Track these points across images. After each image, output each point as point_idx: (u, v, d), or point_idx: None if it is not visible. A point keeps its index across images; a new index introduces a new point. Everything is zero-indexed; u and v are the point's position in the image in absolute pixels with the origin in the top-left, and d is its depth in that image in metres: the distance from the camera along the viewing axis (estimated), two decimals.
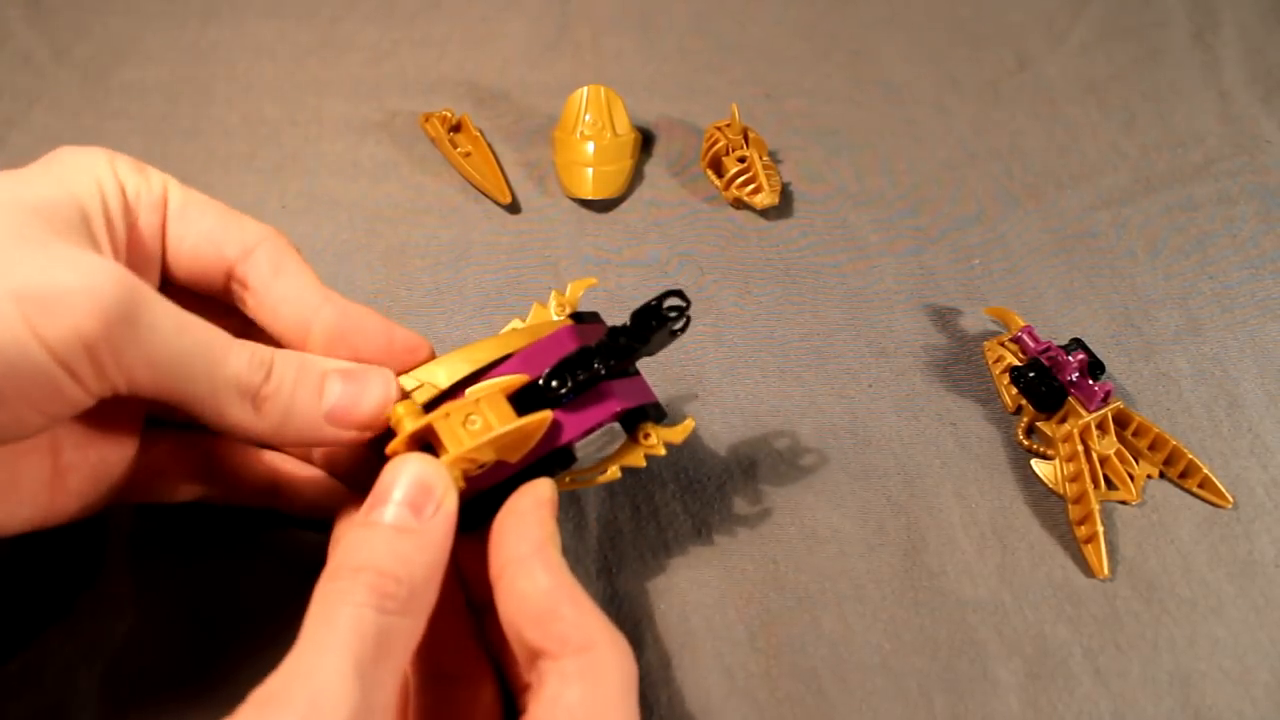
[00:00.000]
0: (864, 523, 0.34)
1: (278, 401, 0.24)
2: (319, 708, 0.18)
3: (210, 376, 0.22)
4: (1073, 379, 0.36)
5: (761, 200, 0.44)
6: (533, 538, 0.23)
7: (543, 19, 0.57)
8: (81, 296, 0.20)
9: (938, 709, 0.30)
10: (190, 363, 0.22)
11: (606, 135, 0.47)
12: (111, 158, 0.25)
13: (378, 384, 0.25)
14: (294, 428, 0.24)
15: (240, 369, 0.23)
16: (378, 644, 0.19)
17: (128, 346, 0.21)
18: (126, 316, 0.20)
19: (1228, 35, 0.58)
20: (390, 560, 0.21)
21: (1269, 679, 0.31)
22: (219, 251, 0.26)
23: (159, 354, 0.21)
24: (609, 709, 0.21)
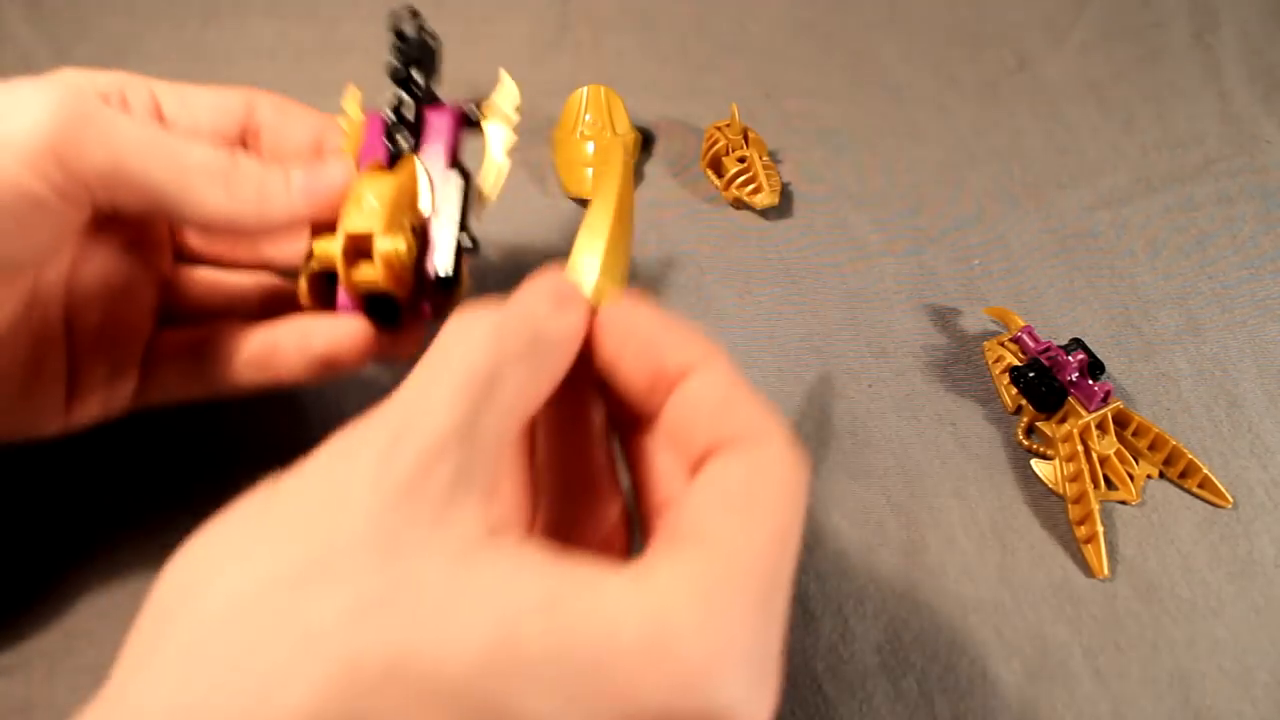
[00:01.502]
0: (864, 523, 0.34)
1: (248, 183, 0.26)
2: (412, 420, 0.17)
3: (178, 162, 0.24)
4: (1073, 379, 0.36)
5: (761, 200, 0.44)
6: (696, 344, 0.21)
7: (543, 19, 0.57)
8: (39, 106, 0.22)
9: (937, 709, 0.30)
10: (156, 153, 0.24)
11: (606, 135, 0.47)
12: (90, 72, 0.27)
13: (336, 164, 0.28)
14: (268, 204, 0.26)
15: (205, 155, 0.25)
16: (489, 382, 0.18)
17: (91, 144, 0.23)
18: (86, 115, 0.23)
19: (1228, 35, 0.58)
20: (518, 314, 0.20)
21: (1269, 679, 0.31)
22: (230, 115, 0.30)
23: (124, 148, 0.23)
24: (770, 494, 0.18)
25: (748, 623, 0.16)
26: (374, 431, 0.17)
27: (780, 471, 0.19)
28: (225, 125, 0.30)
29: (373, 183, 0.27)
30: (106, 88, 0.28)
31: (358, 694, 0.14)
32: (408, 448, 0.17)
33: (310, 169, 0.27)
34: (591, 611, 0.16)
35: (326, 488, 0.17)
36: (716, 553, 0.17)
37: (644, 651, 0.15)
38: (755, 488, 0.18)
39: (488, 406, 0.18)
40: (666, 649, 0.15)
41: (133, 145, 0.24)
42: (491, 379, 0.18)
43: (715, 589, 0.16)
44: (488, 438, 0.18)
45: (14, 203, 0.22)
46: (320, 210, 0.27)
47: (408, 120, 0.31)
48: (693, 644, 0.15)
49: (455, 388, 0.18)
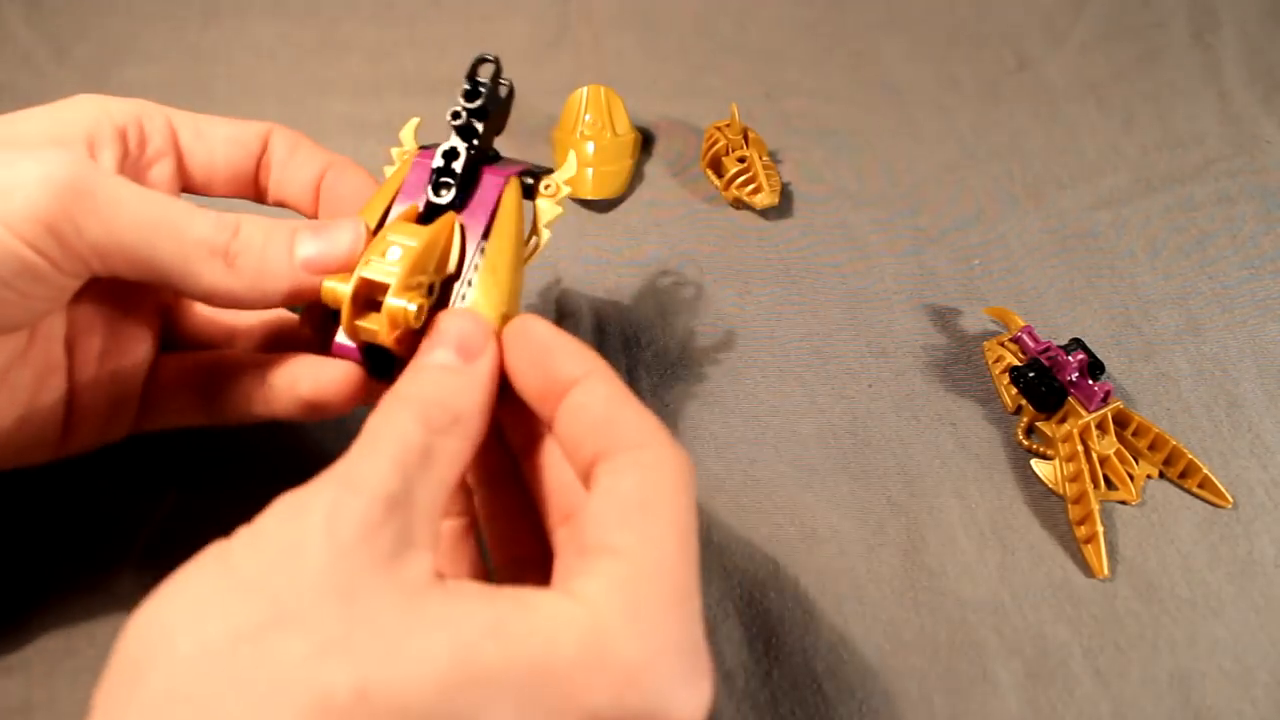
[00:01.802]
0: (864, 523, 0.34)
1: (249, 256, 0.25)
2: (354, 484, 0.19)
3: (178, 240, 0.24)
4: (1073, 379, 0.36)
5: (761, 200, 0.44)
6: (586, 357, 0.23)
7: (543, 19, 0.57)
8: (35, 180, 0.22)
9: (937, 709, 0.30)
10: (155, 229, 0.23)
11: (606, 135, 0.47)
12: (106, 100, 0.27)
13: (347, 229, 0.26)
14: (270, 280, 0.25)
15: (206, 230, 0.24)
16: (422, 453, 0.20)
17: (88, 220, 0.22)
18: (82, 191, 0.22)
19: (1228, 35, 0.58)
20: (436, 390, 0.22)
21: (1269, 679, 0.31)
22: (245, 149, 0.30)
23: (121, 224, 0.23)
24: (658, 497, 0.20)
25: (672, 620, 0.18)
26: (318, 498, 0.18)
27: (668, 475, 0.20)
28: (239, 159, 0.30)
29: (402, 232, 0.26)
30: (123, 119, 0.27)
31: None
32: (352, 510, 0.18)
33: (318, 234, 0.26)
34: (533, 629, 0.17)
35: (279, 544, 0.18)
36: (630, 561, 0.19)
37: (585, 659, 0.17)
38: (648, 495, 0.20)
39: (421, 477, 0.20)
40: (604, 654, 0.17)
41: (132, 221, 0.23)
42: (424, 454, 0.20)
43: (638, 594, 0.18)
44: (424, 502, 0.20)
45: (9, 272, 0.22)
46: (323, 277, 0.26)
47: (455, 173, 0.28)
48: (627, 647, 0.18)
49: (391, 462, 0.19)
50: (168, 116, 0.29)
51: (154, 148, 0.28)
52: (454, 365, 0.23)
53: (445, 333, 0.23)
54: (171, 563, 0.31)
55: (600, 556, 0.19)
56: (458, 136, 0.29)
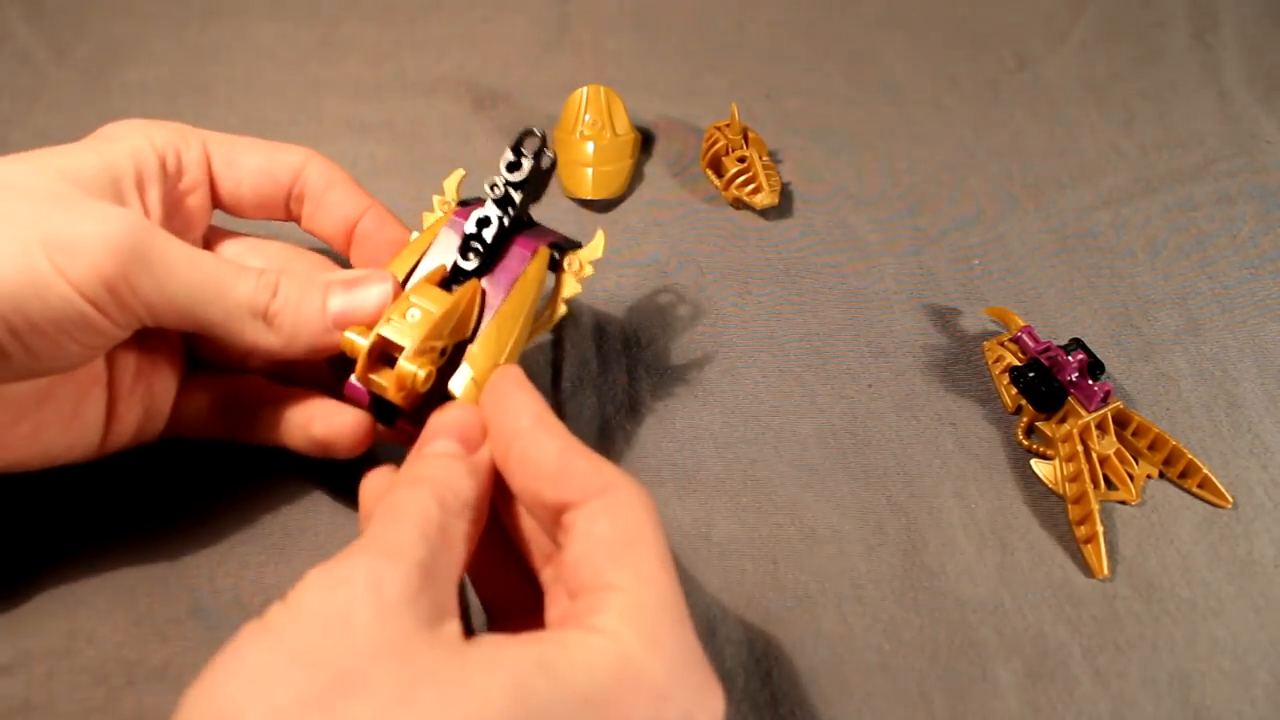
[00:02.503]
0: (864, 523, 0.34)
1: (286, 315, 0.27)
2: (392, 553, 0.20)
3: (223, 301, 0.26)
4: (1072, 379, 0.36)
5: (761, 200, 0.44)
6: (530, 410, 0.24)
7: (543, 19, 0.57)
8: (98, 241, 0.23)
9: (938, 709, 0.30)
10: (203, 292, 0.26)
11: (606, 135, 0.47)
12: (148, 127, 0.29)
13: (376, 286, 0.28)
14: (304, 337, 0.27)
15: (248, 292, 0.26)
16: (441, 530, 0.21)
17: (143, 281, 0.24)
18: (139, 255, 0.24)
19: (1228, 35, 0.58)
20: (447, 475, 0.23)
21: (1269, 679, 0.31)
22: (274, 180, 0.31)
23: (173, 286, 0.25)
24: (639, 534, 0.22)
25: (682, 640, 0.21)
26: (357, 567, 0.19)
27: (639, 512, 0.22)
28: (267, 191, 0.31)
29: (426, 296, 0.28)
30: (164, 146, 0.28)
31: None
32: (394, 576, 0.19)
33: (350, 291, 0.28)
34: (573, 663, 0.19)
35: (326, 614, 0.19)
36: (632, 594, 0.21)
37: (621, 684, 0.19)
38: (629, 533, 0.22)
39: (442, 552, 0.21)
40: (636, 678, 0.19)
41: (182, 283, 0.25)
42: (442, 532, 0.22)
43: (650, 622, 0.20)
44: (445, 575, 0.21)
45: (71, 325, 0.24)
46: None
47: (485, 241, 0.29)
48: (653, 668, 0.20)
49: (419, 534, 0.21)
50: (204, 142, 0.30)
51: (190, 178, 0.30)
52: (458, 454, 0.24)
53: (448, 425, 0.25)
54: (173, 563, 0.31)
55: (603, 593, 0.21)
56: (494, 205, 0.29)
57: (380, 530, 0.21)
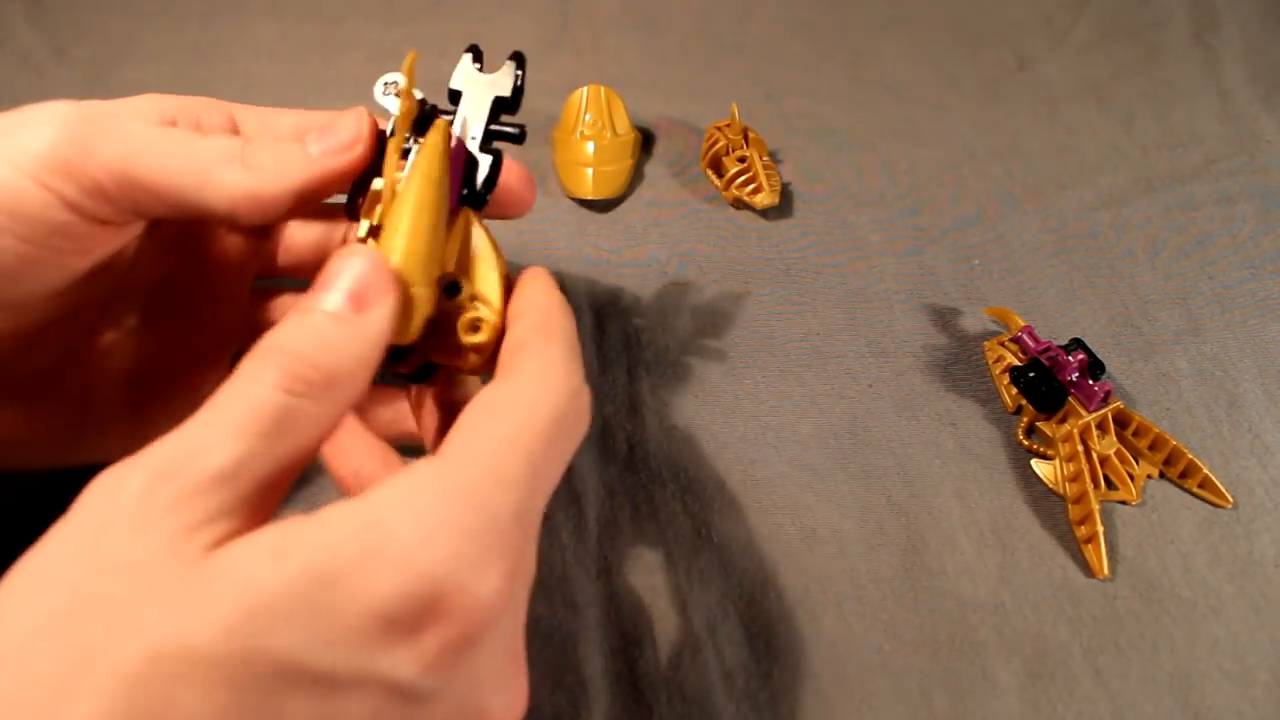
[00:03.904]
0: (864, 523, 0.34)
1: (264, 155, 0.24)
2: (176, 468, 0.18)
3: (192, 152, 0.24)
4: (1073, 379, 0.36)
5: (761, 200, 0.44)
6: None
7: (543, 19, 0.57)
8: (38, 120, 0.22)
9: (938, 709, 0.30)
10: (169, 146, 0.23)
11: (606, 135, 0.47)
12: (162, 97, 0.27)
13: (349, 118, 0.26)
14: (288, 171, 0.25)
15: (218, 140, 0.24)
16: (276, 422, 0.19)
17: (98, 143, 0.22)
18: (90, 120, 0.22)
19: (1228, 35, 0.58)
20: (313, 345, 0.20)
21: (1269, 679, 0.31)
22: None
23: (134, 143, 0.23)
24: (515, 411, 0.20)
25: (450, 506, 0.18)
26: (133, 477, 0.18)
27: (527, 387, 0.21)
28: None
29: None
30: (177, 111, 0.27)
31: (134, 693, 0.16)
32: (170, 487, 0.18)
33: (323, 131, 0.26)
34: (311, 541, 0.17)
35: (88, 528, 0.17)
36: (439, 461, 0.19)
37: (363, 554, 0.17)
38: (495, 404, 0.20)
39: (266, 449, 0.19)
40: (381, 545, 0.17)
41: (143, 142, 0.23)
42: (277, 423, 0.19)
43: (422, 486, 0.18)
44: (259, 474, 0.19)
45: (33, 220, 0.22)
46: (344, 162, 0.26)
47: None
48: (402, 533, 0.17)
49: (231, 436, 0.18)
50: (229, 111, 0.28)
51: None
52: (343, 314, 0.20)
53: (338, 273, 0.21)
54: None
55: (421, 462, 0.19)
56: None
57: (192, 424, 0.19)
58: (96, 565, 0.17)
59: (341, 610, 0.17)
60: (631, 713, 0.29)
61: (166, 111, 0.26)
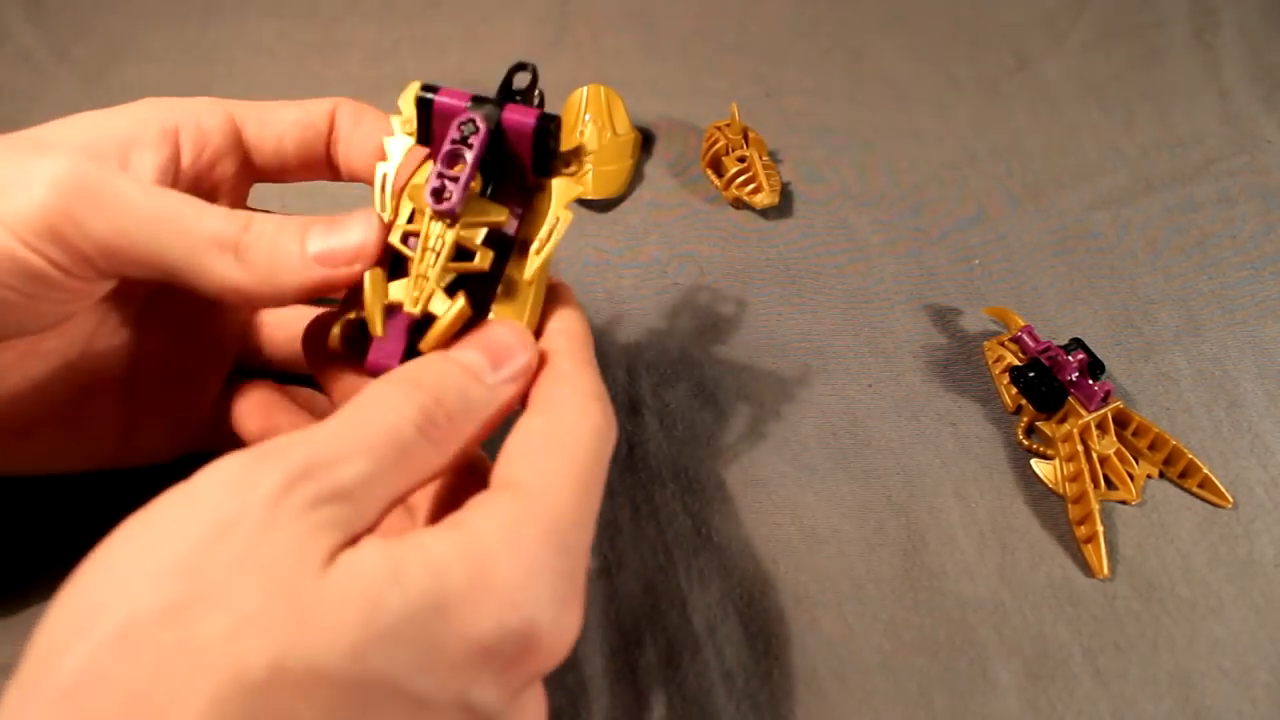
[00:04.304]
0: (864, 523, 0.34)
1: (260, 250, 0.24)
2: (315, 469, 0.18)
3: (186, 235, 0.23)
4: (1073, 379, 0.36)
5: (761, 200, 0.44)
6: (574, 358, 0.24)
7: (543, 19, 0.57)
8: (36, 180, 0.21)
9: (938, 709, 0.30)
10: (163, 225, 0.23)
11: (606, 135, 0.47)
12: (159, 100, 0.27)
13: (359, 223, 0.25)
14: (282, 273, 0.24)
15: (216, 224, 0.23)
16: (403, 454, 0.20)
17: (91, 217, 0.22)
18: (84, 188, 0.22)
19: (1228, 35, 0.58)
20: (453, 393, 0.21)
21: (1269, 679, 0.31)
22: (314, 130, 0.29)
23: (127, 220, 0.22)
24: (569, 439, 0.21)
25: (549, 546, 0.19)
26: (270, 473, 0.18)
27: (578, 421, 0.21)
28: (310, 141, 0.29)
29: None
30: (175, 120, 0.26)
31: (246, 701, 0.16)
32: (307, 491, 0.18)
33: (330, 228, 0.25)
34: (426, 567, 0.18)
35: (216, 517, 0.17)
36: (521, 493, 0.20)
37: (470, 587, 0.18)
38: (554, 433, 0.21)
39: (390, 477, 0.19)
40: (488, 580, 0.18)
41: (137, 217, 0.23)
42: (405, 456, 0.20)
43: (520, 522, 0.19)
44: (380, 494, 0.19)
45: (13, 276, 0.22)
46: (338, 277, 0.25)
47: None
48: (507, 571, 0.18)
49: (367, 456, 0.19)
50: (229, 112, 0.28)
51: (215, 146, 0.27)
52: (480, 371, 0.22)
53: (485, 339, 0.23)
54: None
55: (498, 491, 0.20)
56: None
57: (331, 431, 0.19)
58: (223, 558, 0.17)
59: (449, 640, 0.18)
60: (631, 713, 0.29)
61: (168, 122, 0.26)
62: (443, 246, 0.24)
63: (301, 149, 0.29)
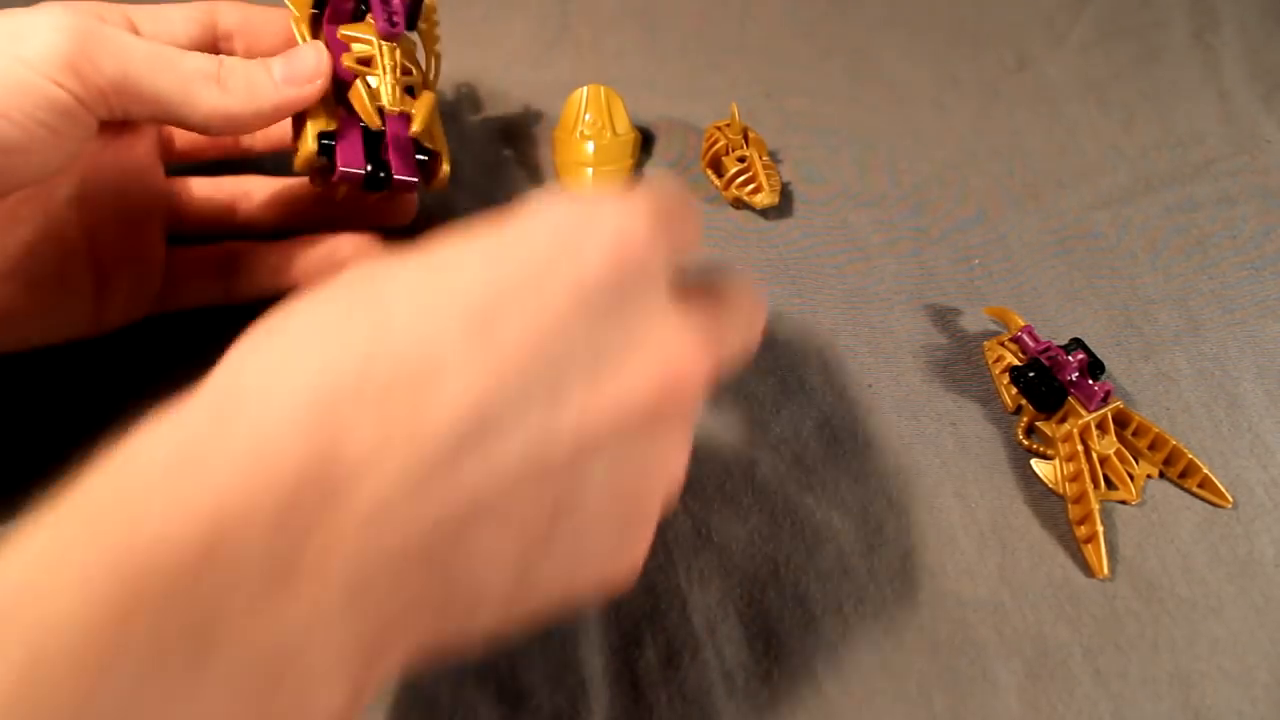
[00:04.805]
0: (864, 523, 0.34)
1: (237, 79, 0.29)
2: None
3: (177, 68, 0.28)
4: (1073, 379, 0.36)
5: (761, 200, 0.44)
6: None
7: (543, 18, 0.57)
8: (49, 25, 0.25)
9: (938, 709, 0.30)
10: (157, 63, 0.27)
11: (606, 135, 0.47)
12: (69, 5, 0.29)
13: (309, 49, 0.31)
14: (259, 96, 0.30)
15: (198, 61, 0.29)
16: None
17: (102, 56, 0.26)
18: (92, 33, 0.26)
19: (1228, 35, 0.58)
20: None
21: (1269, 679, 0.31)
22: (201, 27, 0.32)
23: (129, 58, 0.26)
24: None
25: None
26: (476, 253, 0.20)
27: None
28: (198, 36, 0.33)
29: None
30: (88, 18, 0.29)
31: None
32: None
33: (285, 58, 0.31)
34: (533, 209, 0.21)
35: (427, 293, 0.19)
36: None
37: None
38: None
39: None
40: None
41: (138, 57, 0.27)
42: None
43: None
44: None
45: (44, 110, 0.25)
46: (305, 94, 0.31)
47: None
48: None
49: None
50: (124, 13, 0.31)
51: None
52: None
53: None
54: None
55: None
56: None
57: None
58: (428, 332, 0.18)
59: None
60: (631, 713, 0.29)
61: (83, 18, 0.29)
62: (396, 62, 0.33)
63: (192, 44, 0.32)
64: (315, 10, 0.33)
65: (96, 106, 0.26)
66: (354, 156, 0.32)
